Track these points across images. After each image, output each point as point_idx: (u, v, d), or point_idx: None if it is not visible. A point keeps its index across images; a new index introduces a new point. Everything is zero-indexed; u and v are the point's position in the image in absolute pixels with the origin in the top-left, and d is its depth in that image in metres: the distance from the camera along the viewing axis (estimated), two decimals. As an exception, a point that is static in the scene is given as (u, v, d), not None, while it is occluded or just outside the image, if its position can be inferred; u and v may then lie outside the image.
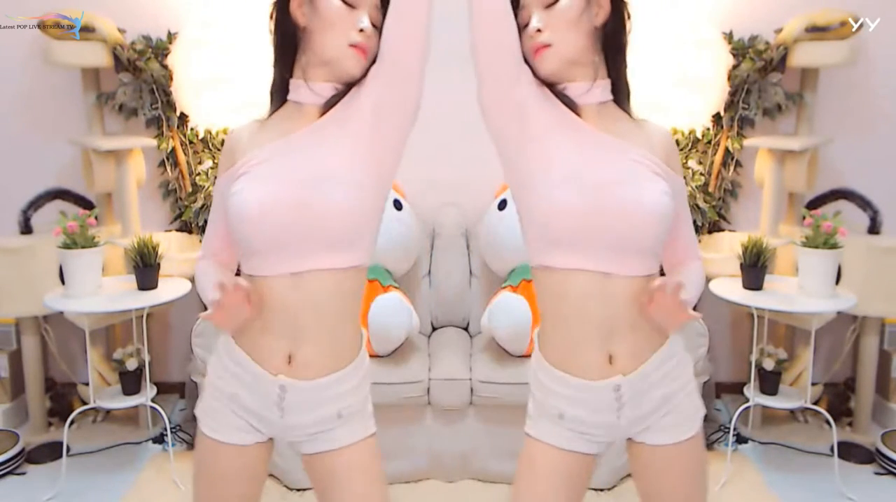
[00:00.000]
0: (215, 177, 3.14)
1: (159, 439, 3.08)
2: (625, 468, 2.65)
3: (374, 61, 1.38)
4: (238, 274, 1.44)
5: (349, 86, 1.40)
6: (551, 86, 1.39)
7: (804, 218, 2.73)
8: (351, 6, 1.35)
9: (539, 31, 1.34)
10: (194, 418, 1.49)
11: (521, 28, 1.37)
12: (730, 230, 3.32)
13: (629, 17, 1.41)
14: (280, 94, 1.45)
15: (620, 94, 1.43)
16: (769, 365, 2.85)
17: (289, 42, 1.42)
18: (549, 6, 1.34)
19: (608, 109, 1.42)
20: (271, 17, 1.43)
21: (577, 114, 1.38)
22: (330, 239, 1.32)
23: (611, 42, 1.40)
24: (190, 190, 3.23)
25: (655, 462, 1.44)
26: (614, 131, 1.38)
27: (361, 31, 1.35)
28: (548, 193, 1.31)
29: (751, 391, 2.86)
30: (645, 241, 1.32)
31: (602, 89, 1.40)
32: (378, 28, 1.37)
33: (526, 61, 1.38)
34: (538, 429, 1.42)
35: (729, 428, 2.97)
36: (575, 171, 1.32)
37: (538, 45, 1.34)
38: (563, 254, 1.32)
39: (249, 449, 1.43)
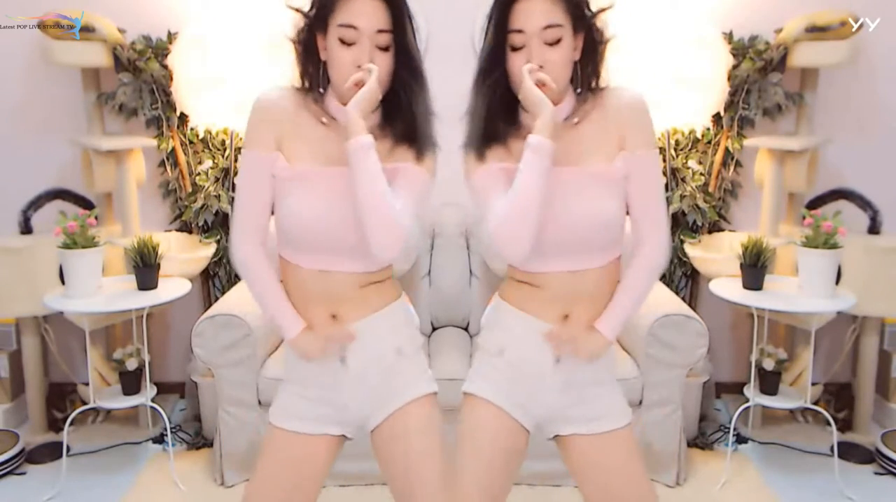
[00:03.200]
0: (215, 178, 3.18)
1: (159, 439, 3.08)
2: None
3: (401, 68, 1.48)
4: None
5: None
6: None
7: (804, 218, 2.73)
8: (349, 44, 1.43)
9: (541, 67, 1.43)
10: (194, 418, 1.53)
11: (514, 49, 1.44)
12: (730, 230, 3.32)
13: (603, 42, 1.50)
14: (316, 84, 1.52)
15: (587, 84, 1.52)
16: (769, 365, 2.85)
17: (318, 66, 1.51)
18: (550, 44, 1.43)
19: (571, 117, 1.51)
20: (296, 42, 1.51)
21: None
22: (361, 250, 1.46)
23: (585, 67, 1.50)
24: (190, 190, 3.23)
25: (577, 453, 1.57)
26: (573, 141, 1.48)
27: (359, 67, 1.43)
28: None
29: (751, 391, 2.86)
30: (598, 244, 1.49)
31: (566, 105, 1.50)
32: (389, 47, 1.45)
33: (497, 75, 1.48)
34: (473, 383, 1.59)
35: (729, 428, 2.97)
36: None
37: (538, 82, 1.43)
38: (537, 262, 1.49)
39: (316, 439, 1.55)
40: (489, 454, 1.54)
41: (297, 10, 1.49)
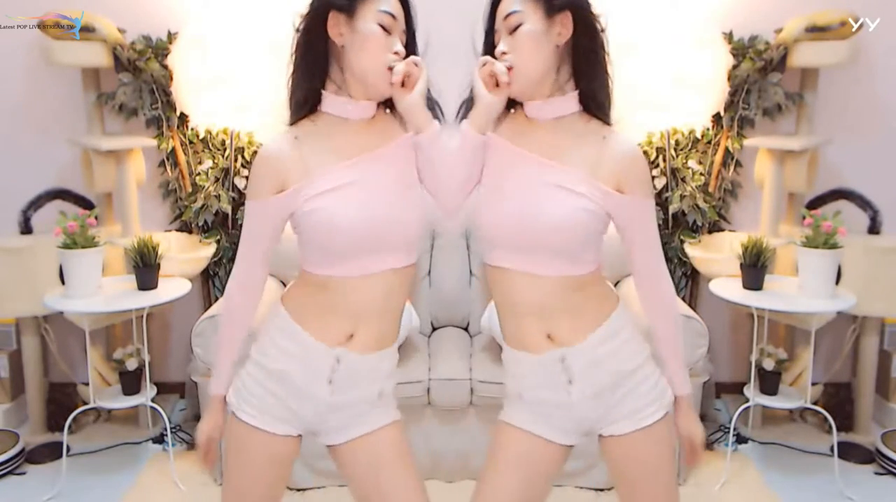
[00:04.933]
0: (215, 178, 3.18)
1: (159, 439, 3.08)
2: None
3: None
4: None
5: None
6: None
7: (804, 218, 2.73)
8: (387, 32, 1.46)
9: (504, 53, 1.45)
10: (195, 418, 1.52)
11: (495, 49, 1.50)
12: (730, 230, 3.32)
13: (602, 30, 1.48)
14: (308, 104, 1.51)
15: (593, 103, 1.49)
16: (769, 365, 2.85)
17: (321, 57, 1.49)
18: (512, 32, 1.45)
19: (568, 122, 1.49)
20: (299, 31, 1.49)
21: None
22: (398, 244, 1.49)
23: (580, 57, 1.48)
24: (190, 190, 3.23)
25: (621, 451, 1.52)
26: (560, 148, 1.47)
27: (396, 53, 1.46)
28: (486, 210, 1.53)
29: (751, 391, 2.87)
30: (557, 249, 1.45)
31: (561, 103, 1.48)
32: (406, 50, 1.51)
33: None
34: (505, 413, 1.56)
35: (729, 428, 2.97)
36: (503, 194, 1.50)
37: (490, 74, 1.46)
38: (500, 256, 1.50)
39: (278, 439, 1.52)
40: (503, 468, 1.54)
41: None
